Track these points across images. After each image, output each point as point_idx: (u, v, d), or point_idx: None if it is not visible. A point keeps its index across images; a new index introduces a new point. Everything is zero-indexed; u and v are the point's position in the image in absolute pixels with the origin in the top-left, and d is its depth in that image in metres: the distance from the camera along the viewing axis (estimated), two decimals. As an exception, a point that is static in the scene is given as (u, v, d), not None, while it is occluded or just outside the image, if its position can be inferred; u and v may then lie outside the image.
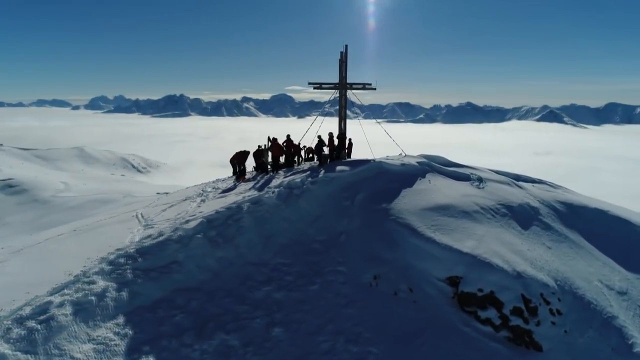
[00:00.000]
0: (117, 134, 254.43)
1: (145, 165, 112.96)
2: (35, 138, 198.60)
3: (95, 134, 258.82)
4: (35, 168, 58.46)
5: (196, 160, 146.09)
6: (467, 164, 20.53)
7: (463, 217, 13.54)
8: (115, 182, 47.88)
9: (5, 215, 25.83)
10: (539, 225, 15.22)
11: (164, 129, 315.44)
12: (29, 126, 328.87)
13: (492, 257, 11.77)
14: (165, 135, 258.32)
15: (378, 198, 13.51)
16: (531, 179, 20.66)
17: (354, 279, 11.38)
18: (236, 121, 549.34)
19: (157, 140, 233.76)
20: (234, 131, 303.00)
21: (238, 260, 10.65)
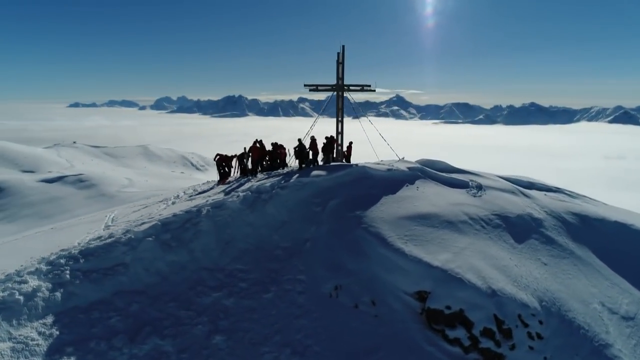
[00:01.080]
0: (178, 133, 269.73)
1: (204, 163, 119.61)
2: (106, 136, 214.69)
3: (158, 133, 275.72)
4: (104, 165, 63.14)
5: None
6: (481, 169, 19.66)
7: (445, 228, 12.82)
8: (175, 179, 50.59)
9: (75, 208, 28.16)
10: (539, 238, 14.11)
11: (223, 129, 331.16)
12: (100, 125, 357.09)
13: (466, 272, 11.03)
14: (223, 134, 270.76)
15: (353, 205, 13.11)
16: (546, 187, 19.25)
17: (313, 288, 11.11)
18: (291, 121, 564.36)
19: (216, 139, 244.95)
20: (289, 131, 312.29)
21: (191, 264, 10.71)
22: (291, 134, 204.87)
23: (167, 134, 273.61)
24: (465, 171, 18.28)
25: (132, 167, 69.91)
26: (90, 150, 76.73)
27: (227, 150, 20.55)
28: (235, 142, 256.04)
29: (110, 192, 34.02)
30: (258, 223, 12.35)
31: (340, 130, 19.67)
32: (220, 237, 11.63)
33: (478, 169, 20.32)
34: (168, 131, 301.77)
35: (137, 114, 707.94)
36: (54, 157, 60.95)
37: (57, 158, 61.58)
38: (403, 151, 21.85)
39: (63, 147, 71.60)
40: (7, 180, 37.42)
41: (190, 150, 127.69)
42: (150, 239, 10.33)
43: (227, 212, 12.16)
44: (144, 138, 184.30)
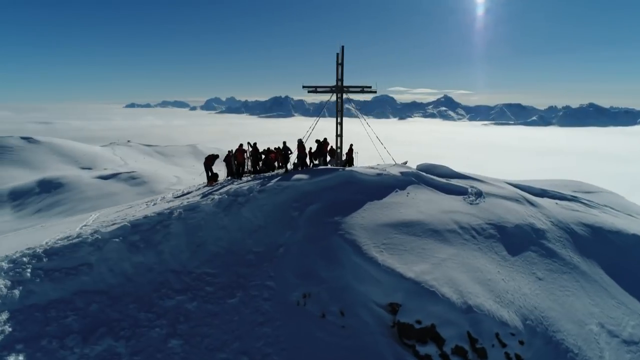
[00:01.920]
0: (226, 133, 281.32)
1: None
2: (158, 136, 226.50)
3: (207, 133, 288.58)
4: (155, 163, 66.74)
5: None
6: (484, 175, 18.60)
7: (429, 237, 12.29)
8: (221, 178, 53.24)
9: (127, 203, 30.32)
10: (538, 251, 13.25)
11: (269, 129, 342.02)
12: (153, 125, 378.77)
13: (442, 285, 10.50)
14: (269, 134, 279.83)
15: (334, 210, 12.84)
16: (561, 195, 18.07)
17: (280, 295, 10.96)
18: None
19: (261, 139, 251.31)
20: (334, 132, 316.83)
21: (158, 266, 10.86)
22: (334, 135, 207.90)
23: (215, 134, 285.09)
24: (468, 177, 17.47)
25: (181, 166, 73.02)
26: (143, 149, 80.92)
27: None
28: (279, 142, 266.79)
29: (160, 189, 35.81)
30: (232, 226, 12.35)
31: (339, 133, 19.38)
32: (191, 239, 11.71)
33: (523, 172, 19.50)
34: (216, 131, 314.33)
35: (188, 114, 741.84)
36: (109, 155, 64.79)
37: (112, 156, 65.39)
38: (447, 153, 21.23)
39: (118, 146, 75.70)
40: (66, 176, 40.09)
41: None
42: (116, 240, 10.56)
43: (201, 214, 12.25)
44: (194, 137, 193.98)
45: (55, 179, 39.37)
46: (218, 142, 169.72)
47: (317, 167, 17.17)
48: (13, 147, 53.97)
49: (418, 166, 19.12)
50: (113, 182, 37.31)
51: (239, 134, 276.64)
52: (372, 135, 18.89)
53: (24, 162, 50.58)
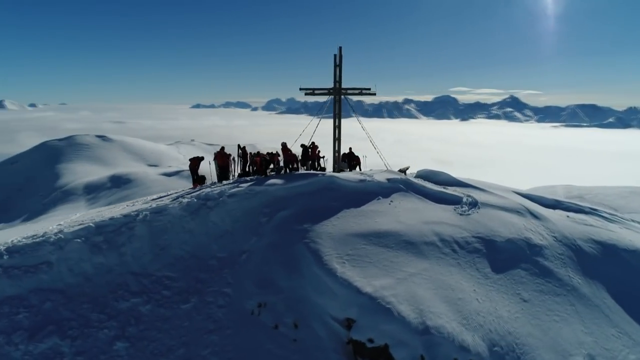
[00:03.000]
0: (285, 133, 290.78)
1: None
2: (220, 135, 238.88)
3: (266, 133, 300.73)
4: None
5: None
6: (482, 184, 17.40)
7: (402, 249, 11.68)
8: None
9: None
10: (529, 269, 12.19)
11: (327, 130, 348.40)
12: (216, 125, 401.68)
13: (401, 302, 9.93)
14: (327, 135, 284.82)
15: (305, 217, 12.56)
16: (577, 207, 16.50)
17: (236, 303, 10.90)
18: (396, 123, 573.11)
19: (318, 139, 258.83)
20: (393, 133, 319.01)
21: (119, 268, 11.14)
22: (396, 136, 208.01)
23: (273, 134, 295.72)
24: (469, 185, 16.43)
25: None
26: (205, 148, 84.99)
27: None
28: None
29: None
30: (198, 230, 12.42)
31: (337, 137, 18.96)
32: (155, 242, 11.92)
33: (597, 177, 18.18)
34: (275, 131, 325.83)
35: (250, 114, 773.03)
36: (174, 153, 69.08)
37: (176, 154, 69.63)
38: (511, 156, 20.22)
39: (182, 144, 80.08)
40: (135, 173, 43.14)
41: (295, 151, 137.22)
42: (78, 240, 10.96)
43: (168, 217, 12.43)
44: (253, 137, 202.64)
45: (124, 175, 42.28)
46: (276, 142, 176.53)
47: (298, 172, 16.86)
48: (89, 144, 58.56)
49: (418, 172, 18.28)
50: (176, 179, 39.50)
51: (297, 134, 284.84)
52: (370, 136, 18.13)
53: (98, 158, 54.72)
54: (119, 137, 67.05)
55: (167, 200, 13.49)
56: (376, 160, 20.94)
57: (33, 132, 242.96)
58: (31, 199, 42.56)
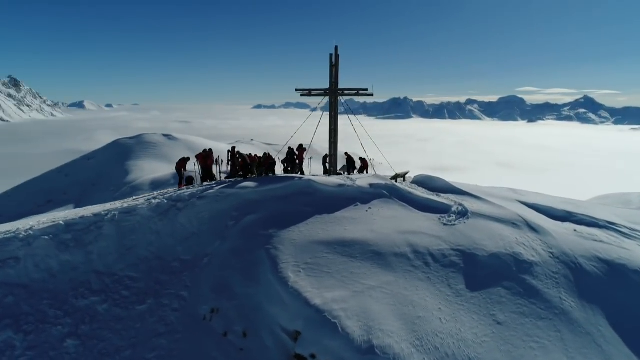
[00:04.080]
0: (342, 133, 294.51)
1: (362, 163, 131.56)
2: (278, 135, 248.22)
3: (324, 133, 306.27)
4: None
5: (410, 161, 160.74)
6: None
7: (367, 259, 11.11)
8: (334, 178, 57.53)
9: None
10: (512, 288, 11.14)
11: (386, 130, 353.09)
12: (275, 125, 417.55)
13: (350, 317, 9.42)
14: (385, 136, 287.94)
15: (273, 222, 12.31)
16: (592, 221, 14.82)
17: (190, 307, 10.89)
18: (457, 124, 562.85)
19: (378, 140, 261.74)
20: (454, 134, 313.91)
21: (84, 266, 11.50)
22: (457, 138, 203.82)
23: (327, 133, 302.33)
24: (465, 192, 15.34)
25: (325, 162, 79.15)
26: (263, 147, 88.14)
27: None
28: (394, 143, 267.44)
29: None
30: (165, 232, 12.55)
31: (334, 140, 18.46)
32: (122, 242, 12.18)
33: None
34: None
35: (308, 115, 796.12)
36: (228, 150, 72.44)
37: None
38: (580, 160, 19.20)
39: (242, 144, 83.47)
40: (196, 170, 45.44)
41: (352, 151, 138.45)
42: (46, 237, 11.43)
43: (137, 218, 12.66)
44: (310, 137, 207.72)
45: (186, 173, 44.82)
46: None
47: (277, 175, 16.56)
48: (156, 143, 62.44)
49: (415, 177, 17.39)
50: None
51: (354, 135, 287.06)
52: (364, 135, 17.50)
53: (164, 156, 58.26)
54: (183, 136, 70.57)
55: (143, 200, 13.75)
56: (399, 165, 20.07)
57: (108, 130, 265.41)
58: (104, 193, 45.80)
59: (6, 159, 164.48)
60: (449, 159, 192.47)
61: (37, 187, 53.89)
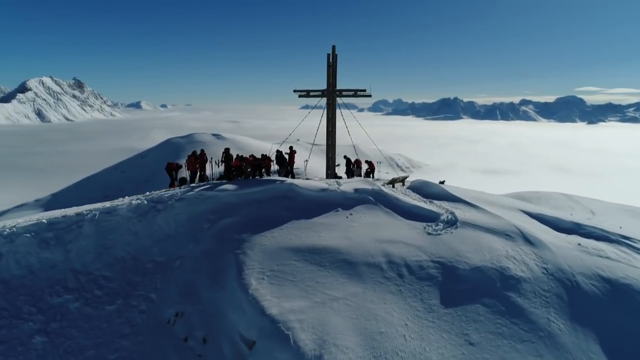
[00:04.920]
0: (389, 134, 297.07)
1: (409, 165, 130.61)
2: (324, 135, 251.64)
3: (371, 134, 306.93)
4: (317, 160, 75.83)
5: (459, 163, 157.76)
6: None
7: (336, 269, 10.71)
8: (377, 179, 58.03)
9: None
10: (494, 305, 10.37)
11: (434, 131, 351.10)
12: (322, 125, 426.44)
13: (305, 329, 9.10)
14: (434, 137, 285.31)
15: (248, 226, 12.16)
16: (602, 235, 13.50)
17: (156, 310, 10.96)
18: (510, 125, 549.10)
19: (426, 141, 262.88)
20: (505, 135, 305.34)
21: (62, 264, 11.85)
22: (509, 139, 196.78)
23: (378, 135, 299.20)
24: (460, 199, 14.46)
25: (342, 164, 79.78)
26: (308, 147, 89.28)
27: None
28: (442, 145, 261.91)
29: None
30: (143, 233, 12.68)
31: (331, 142, 18.03)
32: (100, 242, 12.44)
33: None
34: (380, 132, 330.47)
35: (355, 115, 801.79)
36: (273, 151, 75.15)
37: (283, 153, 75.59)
38: None
39: (288, 143, 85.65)
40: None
41: (398, 152, 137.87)
42: (28, 235, 11.86)
43: (116, 218, 12.89)
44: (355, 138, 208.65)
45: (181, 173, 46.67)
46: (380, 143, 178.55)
47: (262, 178, 16.30)
48: (205, 142, 65.08)
49: (411, 183, 16.63)
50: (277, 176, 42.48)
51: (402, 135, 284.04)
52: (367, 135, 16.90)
53: (212, 155, 60.68)
54: (231, 136, 72.79)
55: (119, 202, 13.99)
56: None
57: (162, 129, 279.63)
58: (155, 190, 48.06)
59: (69, 155, 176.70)
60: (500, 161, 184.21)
61: (96, 182, 57.58)
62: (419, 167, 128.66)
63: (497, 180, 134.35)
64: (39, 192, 65.59)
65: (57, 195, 58.86)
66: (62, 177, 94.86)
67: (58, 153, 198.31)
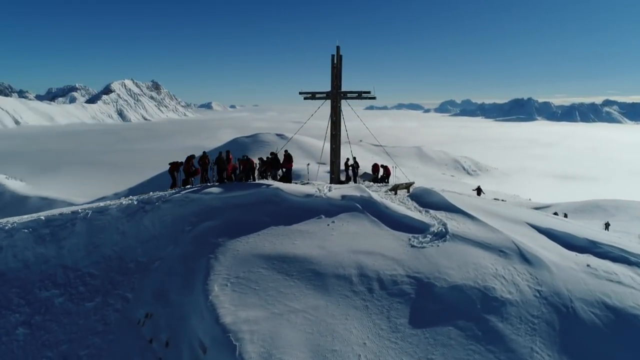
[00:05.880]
0: (456, 136, 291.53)
1: (476, 168, 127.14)
2: (387, 136, 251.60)
3: (436, 135, 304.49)
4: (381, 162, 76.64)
5: (531, 167, 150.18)
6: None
7: (302, 279, 10.42)
8: (441, 181, 56.40)
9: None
10: (470, 329, 9.56)
11: (505, 133, 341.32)
12: (385, 126, 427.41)
13: (254, 341, 8.92)
14: (504, 139, 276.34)
15: (227, 230, 12.17)
16: (620, 256, 11.91)
17: (130, 309, 11.29)
18: (590, 127, 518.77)
19: (495, 144, 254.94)
20: (585, 138, 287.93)
21: (55, 259, 12.51)
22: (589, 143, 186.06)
23: (444, 137, 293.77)
24: (459, 210, 13.37)
25: (404, 166, 78.80)
26: (371, 148, 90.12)
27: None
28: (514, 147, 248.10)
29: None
30: (130, 233, 13.07)
31: (334, 146, 17.55)
32: (91, 240, 12.98)
33: None
34: (446, 133, 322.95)
35: (421, 116, 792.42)
36: (343, 153, 76.24)
37: (346, 153, 76.82)
38: None
39: (350, 144, 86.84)
40: (302, 169, 49.54)
41: (465, 154, 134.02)
42: (26, 230, 12.64)
43: (108, 218, 13.39)
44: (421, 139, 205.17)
45: (295, 171, 48.54)
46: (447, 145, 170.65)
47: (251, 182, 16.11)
48: (269, 142, 68.18)
49: (413, 190, 15.67)
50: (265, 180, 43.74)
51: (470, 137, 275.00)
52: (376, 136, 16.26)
53: None
54: (296, 136, 74.42)
55: (112, 201, 14.49)
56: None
57: (229, 129, 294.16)
58: None
59: (145, 153, 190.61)
60: (577, 166, 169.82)
61: (167, 179, 61.52)
62: (486, 171, 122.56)
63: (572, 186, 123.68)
64: (118, 187, 71.32)
65: (133, 190, 63.31)
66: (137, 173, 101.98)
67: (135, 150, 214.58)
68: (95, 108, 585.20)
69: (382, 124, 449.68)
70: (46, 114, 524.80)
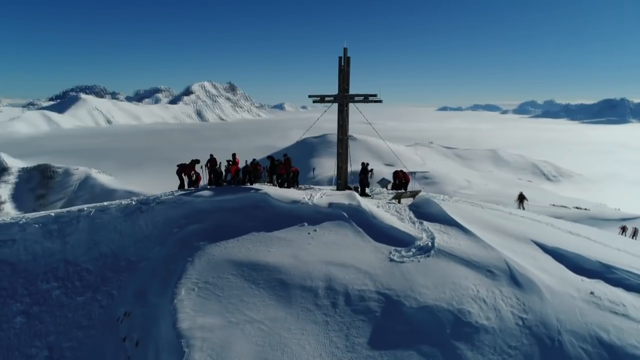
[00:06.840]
0: (536, 139, 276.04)
1: (556, 173, 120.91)
2: (461, 139, 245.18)
3: (514, 138, 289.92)
4: (451, 165, 75.61)
5: (622, 174, 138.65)
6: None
7: (267, 289, 10.34)
8: (517, 186, 55.18)
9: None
10: (434, 356, 8.87)
11: (592, 137, 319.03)
12: (459, 128, 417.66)
13: (203, 349, 9.05)
14: (591, 143, 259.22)
15: (210, 234, 12.35)
16: (637, 283, 10.34)
17: (114, 307, 11.87)
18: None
19: (579, 148, 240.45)
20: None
21: (60, 254, 13.45)
22: None
23: (522, 139, 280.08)
24: (455, 223, 12.32)
25: (478, 170, 77.24)
26: (442, 151, 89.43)
27: None
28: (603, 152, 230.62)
29: (448, 191, 39.91)
30: (126, 232, 13.64)
31: (341, 151, 17.05)
32: (91, 237, 13.74)
33: None
34: (525, 136, 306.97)
35: (498, 118, 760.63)
36: (411, 155, 76.20)
37: (413, 155, 76.69)
38: None
39: (421, 146, 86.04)
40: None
41: (544, 159, 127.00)
42: (36, 226, 13.67)
43: (107, 216, 14.08)
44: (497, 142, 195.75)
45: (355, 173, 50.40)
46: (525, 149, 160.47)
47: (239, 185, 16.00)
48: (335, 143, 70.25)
49: (415, 199, 14.72)
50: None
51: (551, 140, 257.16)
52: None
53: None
54: (363, 137, 75.29)
55: (117, 202, 15.17)
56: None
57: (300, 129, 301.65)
58: None
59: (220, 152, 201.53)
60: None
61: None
62: (568, 177, 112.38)
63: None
64: (193, 184, 75.81)
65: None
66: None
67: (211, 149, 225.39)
68: (177, 108, 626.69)
69: (455, 126, 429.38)
70: (134, 114, 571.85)
